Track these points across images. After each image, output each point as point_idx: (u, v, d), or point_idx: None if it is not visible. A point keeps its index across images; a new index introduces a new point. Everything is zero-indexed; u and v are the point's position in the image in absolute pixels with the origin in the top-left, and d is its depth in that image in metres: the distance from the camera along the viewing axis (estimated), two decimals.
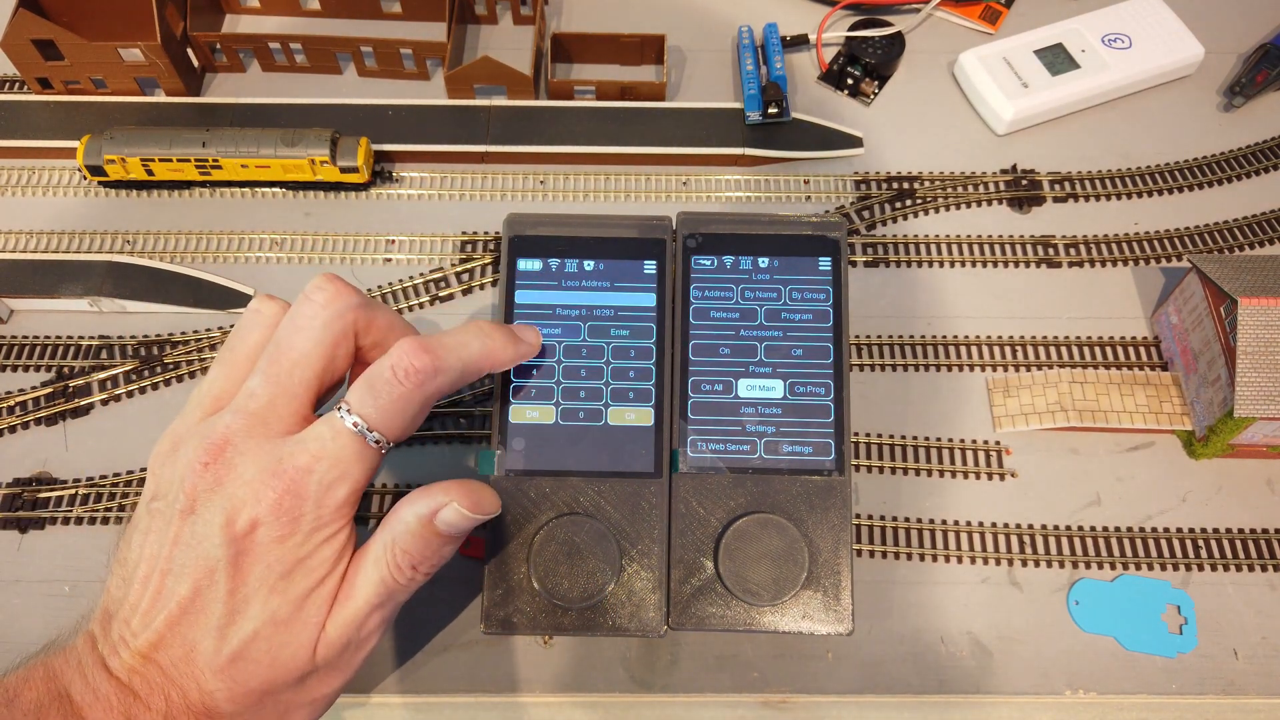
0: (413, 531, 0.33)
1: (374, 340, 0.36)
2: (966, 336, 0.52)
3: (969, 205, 0.56)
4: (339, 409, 0.33)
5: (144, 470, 0.48)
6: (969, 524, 0.47)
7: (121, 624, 0.32)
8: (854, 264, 0.54)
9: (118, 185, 0.56)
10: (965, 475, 0.49)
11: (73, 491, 0.48)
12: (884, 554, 0.47)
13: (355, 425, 0.32)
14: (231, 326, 0.52)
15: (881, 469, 0.49)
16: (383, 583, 0.33)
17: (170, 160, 0.54)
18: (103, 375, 0.51)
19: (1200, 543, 0.47)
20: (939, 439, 0.49)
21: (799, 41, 0.62)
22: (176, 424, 0.34)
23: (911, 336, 0.52)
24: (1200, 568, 0.46)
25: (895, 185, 0.57)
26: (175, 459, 0.33)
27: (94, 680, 0.31)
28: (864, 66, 0.60)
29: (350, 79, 0.61)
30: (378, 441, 0.33)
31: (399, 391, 0.33)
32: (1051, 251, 0.55)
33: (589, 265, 0.43)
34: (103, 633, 0.32)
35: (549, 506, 0.40)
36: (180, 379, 0.51)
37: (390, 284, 0.53)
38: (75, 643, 0.32)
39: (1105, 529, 0.47)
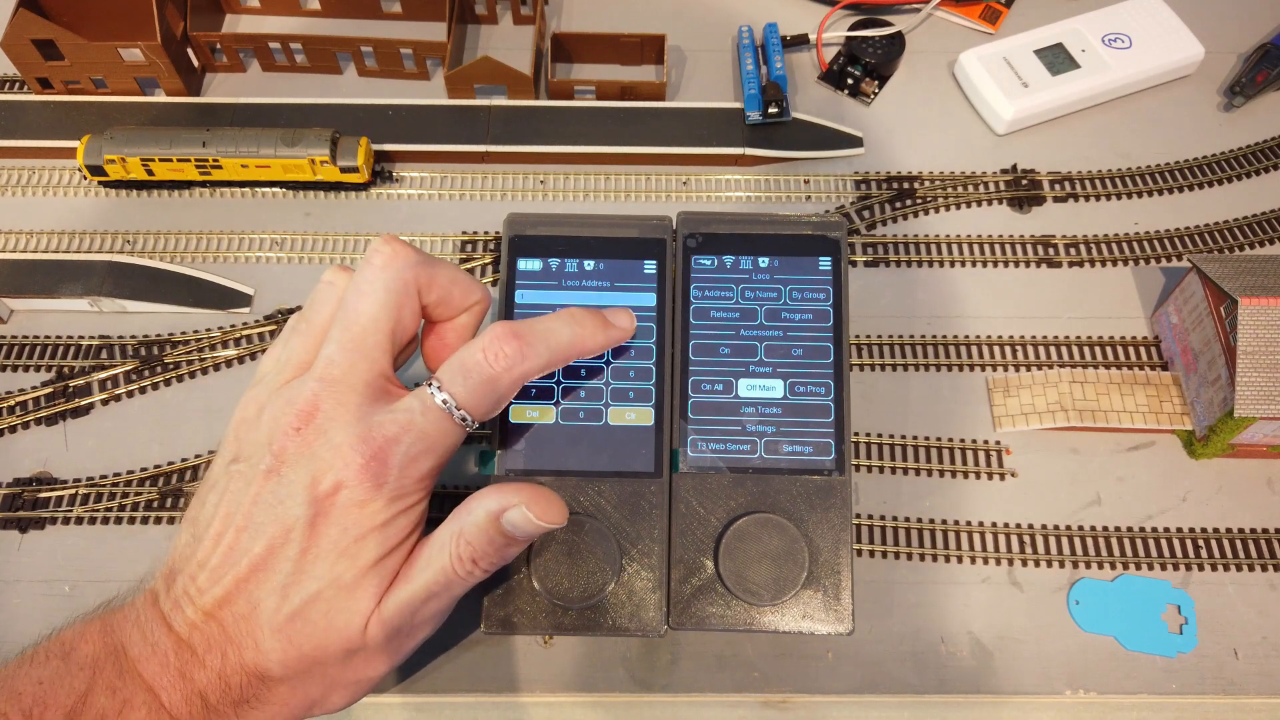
0: (480, 525, 0.33)
1: (438, 297, 0.36)
2: (966, 336, 0.52)
3: (969, 205, 0.56)
4: (430, 384, 0.34)
5: (144, 471, 0.48)
6: (969, 524, 0.47)
7: (188, 579, 0.32)
8: (854, 264, 0.54)
9: (118, 185, 0.56)
10: (965, 475, 0.49)
11: (73, 491, 0.48)
12: (884, 554, 0.47)
13: (445, 403, 0.33)
14: (231, 326, 0.52)
15: (881, 469, 0.49)
16: (443, 571, 0.33)
17: (170, 160, 0.54)
18: (103, 375, 0.51)
19: (1200, 542, 0.47)
20: (939, 439, 0.49)
21: (799, 41, 0.62)
22: (257, 390, 0.35)
23: (911, 336, 0.52)
24: (1200, 568, 0.46)
25: (895, 185, 0.57)
26: (260, 422, 0.33)
27: (152, 635, 0.31)
28: (864, 66, 0.60)
29: (350, 79, 0.61)
30: (464, 420, 0.34)
31: (488, 373, 0.34)
32: (1051, 251, 0.55)
33: (589, 265, 0.43)
34: (165, 589, 0.32)
35: None
36: (180, 379, 0.51)
37: None
38: (135, 599, 0.33)
39: (1105, 529, 0.47)
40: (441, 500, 0.47)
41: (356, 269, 0.35)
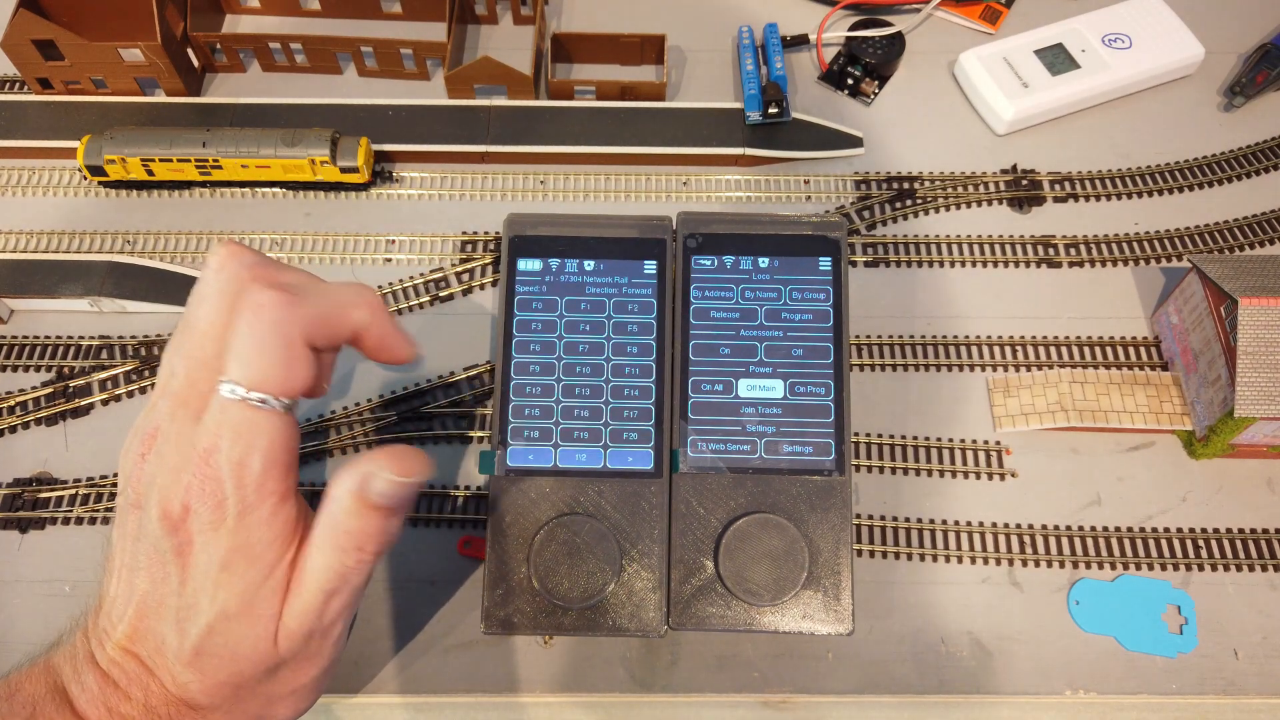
0: (348, 510, 0.31)
1: (316, 316, 0.33)
2: (966, 336, 0.52)
3: (969, 205, 0.56)
4: (220, 386, 0.30)
5: None
6: (969, 524, 0.47)
7: (105, 617, 0.32)
8: (854, 264, 0.54)
9: (118, 185, 0.56)
10: (965, 475, 0.49)
11: (73, 491, 0.48)
12: (884, 554, 0.47)
13: (232, 392, 0.30)
14: None
15: (881, 469, 0.49)
16: (330, 568, 0.31)
17: (170, 160, 0.54)
18: (103, 375, 0.51)
19: (1200, 543, 0.47)
20: (939, 439, 0.49)
21: (799, 41, 0.62)
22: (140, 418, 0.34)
23: (911, 336, 0.52)
24: (1200, 568, 0.46)
25: (895, 185, 0.57)
26: (124, 453, 0.33)
27: (82, 672, 0.31)
28: (864, 66, 0.60)
29: (350, 79, 0.61)
30: (263, 400, 0.30)
31: (256, 332, 0.30)
32: (1052, 251, 0.55)
33: (589, 265, 0.43)
34: (92, 624, 0.33)
35: (549, 506, 0.40)
36: None
37: (390, 284, 0.53)
38: (74, 638, 0.33)
39: (1105, 529, 0.47)
40: (442, 501, 0.47)
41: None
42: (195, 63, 0.60)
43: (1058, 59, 0.58)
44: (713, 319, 0.43)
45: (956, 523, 0.47)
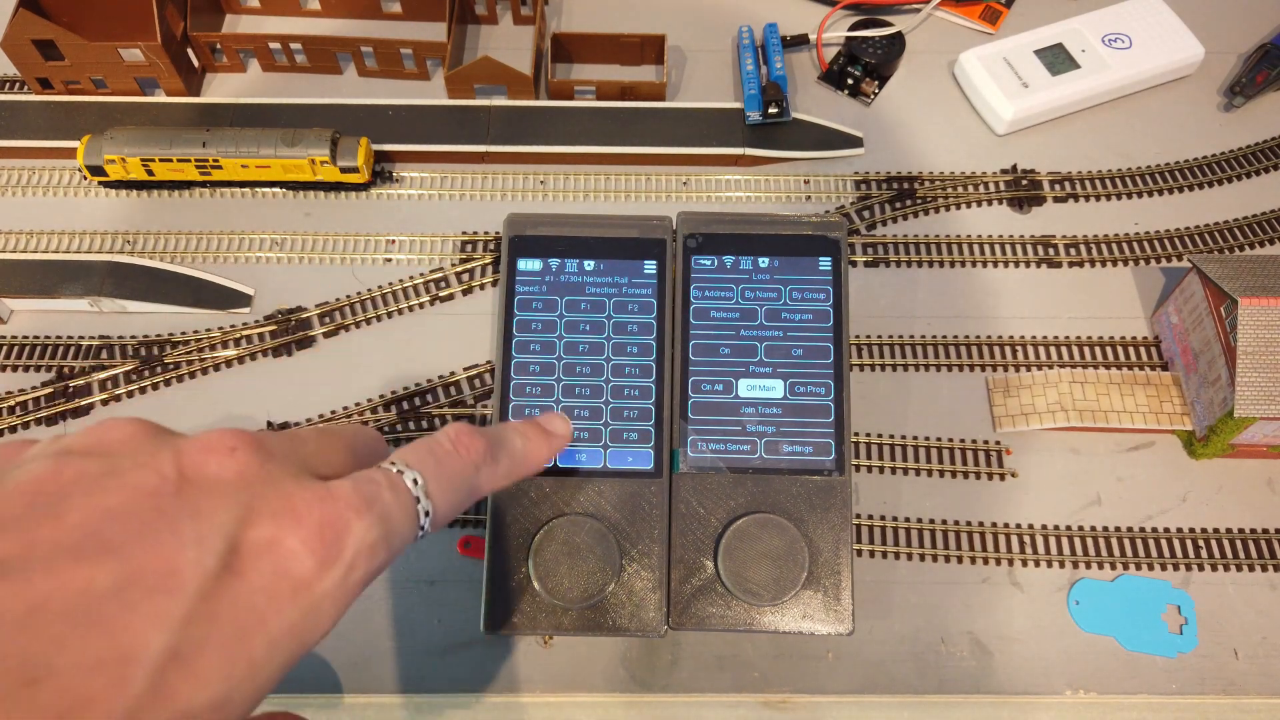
0: None
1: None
2: (966, 336, 0.52)
3: (969, 205, 0.56)
4: (391, 464, 0.26)
5: None
6: (969, 524, 0.47)
7: None
8: (854, 264, 0.54)
9: (118, 185, 0.56)
10: (965, 475, 0.49)
11: None
12: (884, 554, 0.47)
13: (415, 483, 0.26)
14: (231, 326, 0.52)
15: (881, 469, 0.49)
16: None
17: (170, 160, 0.54)
18: (103, 375, 0.51)
19: (1200, 543, 0.47)
20: (939, 439, 0.49)
21: (799, 41, 0.62)
22: None
23: (911, 336, 0.52)
24: (1200, 568, 0.46)
25: (895, 185, 0.57)
26: (154, 431, 0.26)
27: None
28: (864, 66, 0.60)
29: (350, 79, 0.61)
30: (427, 514, 0.26)
31: (458, 465, 0.28)
32: (1052, 251, 0.55)
33: (589, 265, 0.43)
34: None
35: (549, 506, 0.40)
36: (180, 379, 0.51)
37: (390, 284, 0.53)
38: None
39: (1105, 529, 0.47)
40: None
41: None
42: (195, 63, 0.60)
43: (1058, 59, 0.58)
44: (713, 319, 0.43)
45: (956, 523, 0.47)
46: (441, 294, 0.53)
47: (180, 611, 0.20)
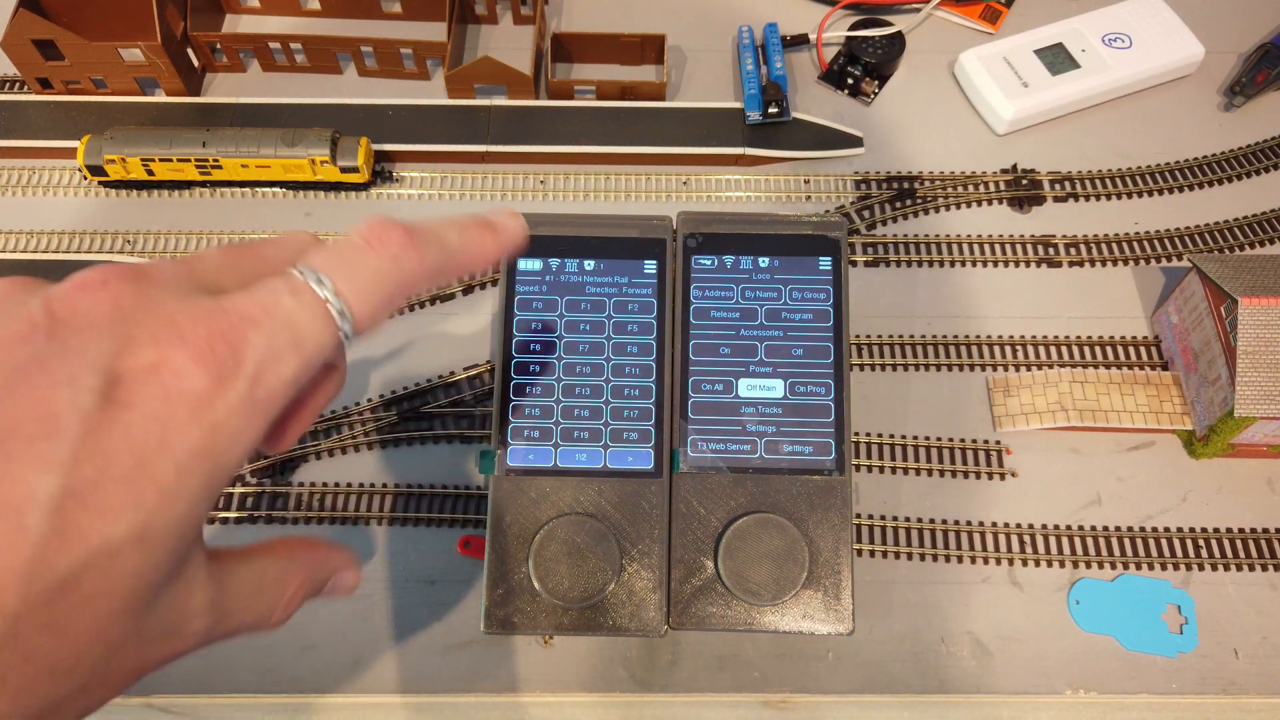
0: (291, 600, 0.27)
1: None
2: (966, 336, 0.52)
3: (969, 205, 0.56)
4: (294, 269, 0.24)
5: None
6: (969, 524, 0.47)
7: None
8: (854, 264, 0.54)
9: (118, 185, 0.56)
10: (965, 475, 0.49)
11: None
12: (884, 554, 0.47)
13: (320, 283, 0.24)
14: None
15: (881, 469, 0.49)
16: (262, 618, 0.26)
17: (170, 160, 0.54)
18: None
19: (1200, 542, 0.47)
20: (939, 439, 0.49)
21: (799, 41, 0.62)
22: None
23: (911, 336, 0.52)
24: (1200, 567, 0.46)
25: (895, 185, 0.57)
26: (28, 284, 0.24)
27: None
28: (864, 66, 0.60)
29: (350, 79, 0.61)
30: (342, 314, 0.24)
31: (374, 263, 0.25)
32: (1052, 251, 0.55)
33: (589, 265, 0.43)
34: None
35: (549, 506, 0.40)
36: None
37: None
38: None
39: (1105, 529, 0.47)
40: (442, 501, 0.47)
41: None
42: (195, 63, 0.60)
43: (1058, 59, 0.58)
44: (713, 319, 0.43)
45: (956, 522, 0.47)
46: (441, 294, 0.53)
47: (65, 452, 0.19)
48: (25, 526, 0.19)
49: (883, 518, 0.47)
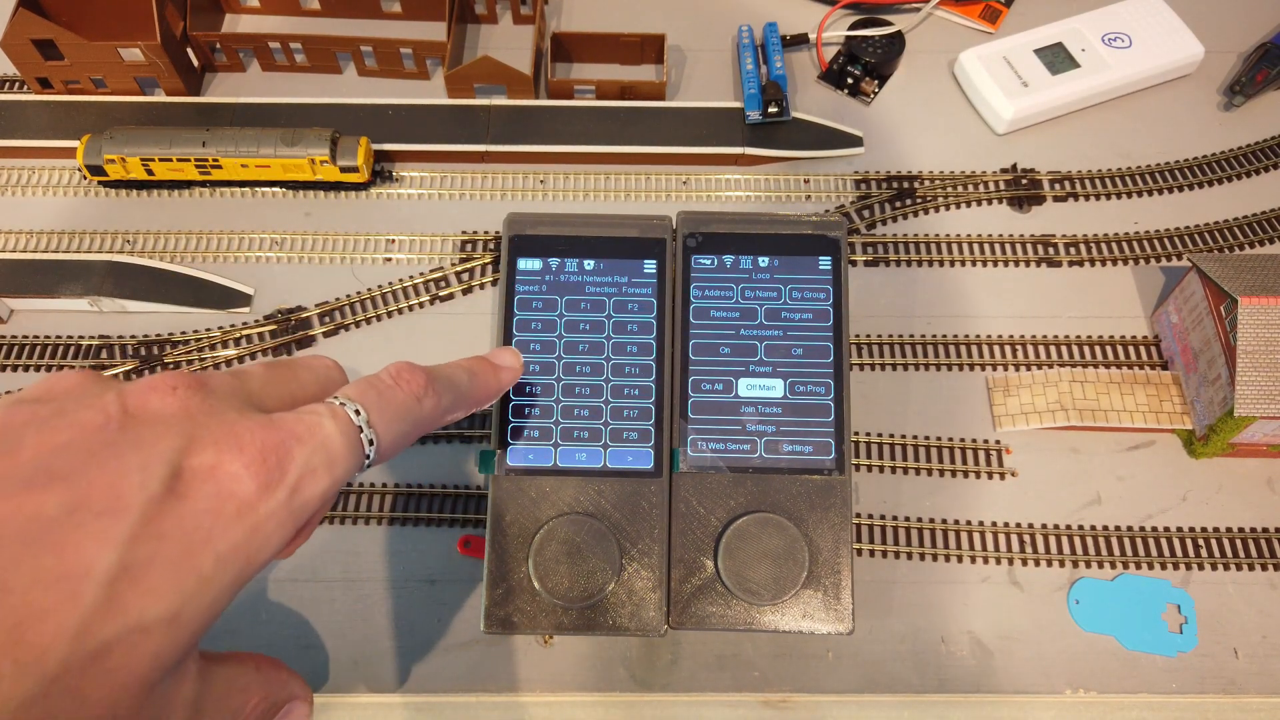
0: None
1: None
2: (966, 336, 0.52)
3: (969, 205, 0.56)
4: (334, 400, 0.28)
5: None
6: (969, 523, 0.47)
7: None
8: (854, 263, 0.54)
9: (118, 185, 0.56)
10: (965, 475, 0.49)
11: None
12: (884, 553, 0.47)
13: (357, 413, 0.27)
14: (231, 326, 0.52)
15: (881, 469, 0.49)
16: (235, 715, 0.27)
17: (170, 160, 0.54)
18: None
19: (1200, 542, 0.47)
20: (939, 439, 0.49)
21: (799, 41, 0.62)
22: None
23: (911, 336, 0.52)
24: (1200, 567, 0.46)
25: (895, 185, 0.57)
26: (96, 380, 0.27)
27: None
28: (864, 66, 0.60)
29: (350, 79, 0.61)
30: (370, 442, 0.27)
31: (399, 398, 0.29)
32: (1052, 251, 0.55)
33: (589, 264, 0.43)
34: None
35: (549, 506, 0.40)
36: None
37: (390, 284, 0.53)
38: None
39: (1105, 528, 0.47)
40: (442, 501, 0.47)
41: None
42: (195, 62, 0.60)
43: (1058, 58, 0.58)
44: (713, 318, 0.43)
45: (956, 522, 0.47)
46: (441, 294, 0.53)
47: (126, 531, 0.21)
48: (80, 593, 0.20)
49: (883, 517, 0.47)
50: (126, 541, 0.21)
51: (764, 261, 0.44)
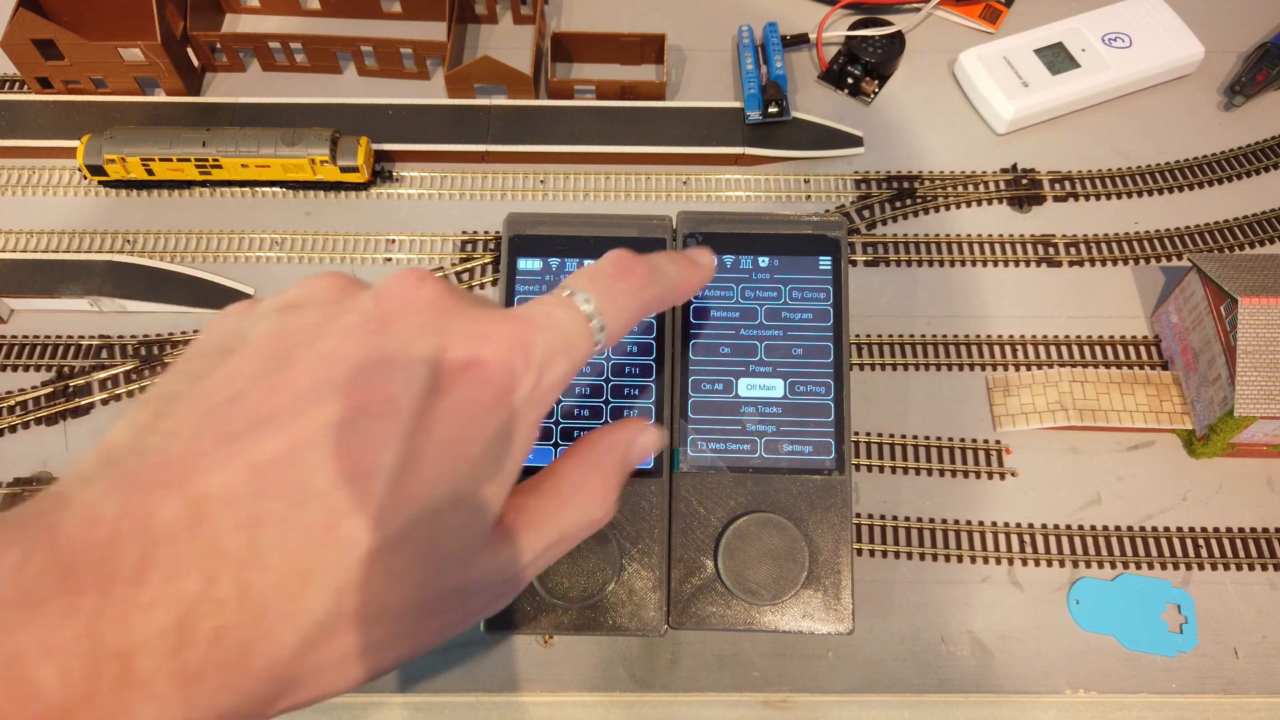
0: (621, 461, 0.30)
1: None
2: (966, 336, 0.52)
3: (969, 205, 0.56)
4: (564, 289, 0.29)
5: None
6: (969, 523, 0.47)
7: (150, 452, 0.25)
8: (854, 263, 0.54)
9: (118, 185, 0.56)
10: (965, 475, 0.49)
11: None
12: (884, 553, 0.47)
13: (587, 301, 0.28)
14: None
15: (881, 469, 0.49)
16: (585, 511, 0.30)
17: (170, 160, 0.54)
18: (103, 375, 0.51)
19: (1200, 542, 0.47)
20: (939, 439, 0.49)
21: (799, 41, 0.62)
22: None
23: (911, 336, 0.52)
24: (1200, 567, 0.46)
25: (895, 184, 0.57)
26: (348, 282, 0.28)
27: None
28: (864, 66, 0.60)
29: (350, 79, 0.61)
30: (601, 329, 0.28)
31: (624, 286, 0.30)
32: (1052, 251, 0.55)
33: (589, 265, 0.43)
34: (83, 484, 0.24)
35: None
36: None
37: None
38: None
39: (1105, 528, 0.47)
40: None
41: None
42: (195, 62, 0.60)
43: (1058, 58, 0.58)
44: (713, 318, 0.43)
45: (956, 522, 0.47)
46: None
47: (402, 430, 0.23)
48: (371, 490, 0.22)
49: (883, 517, 0.48)
50: (404, 439, 0.23)
51: (764, 261, 0.44)
